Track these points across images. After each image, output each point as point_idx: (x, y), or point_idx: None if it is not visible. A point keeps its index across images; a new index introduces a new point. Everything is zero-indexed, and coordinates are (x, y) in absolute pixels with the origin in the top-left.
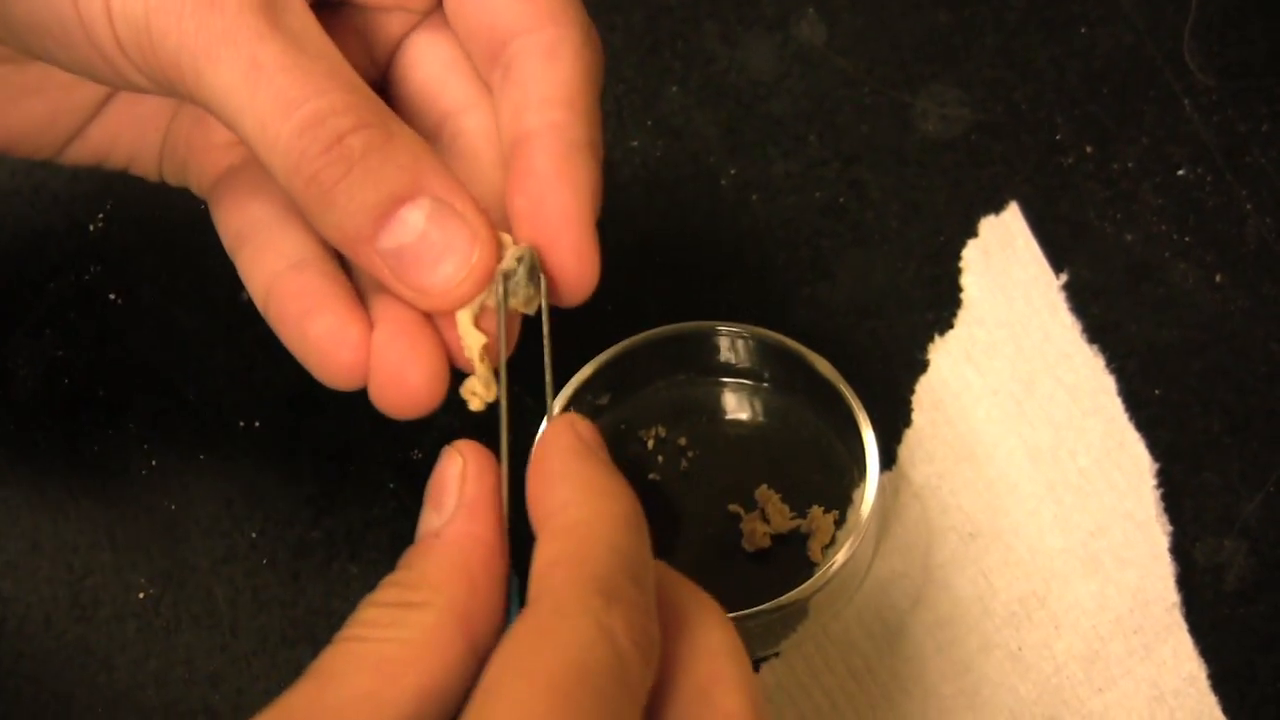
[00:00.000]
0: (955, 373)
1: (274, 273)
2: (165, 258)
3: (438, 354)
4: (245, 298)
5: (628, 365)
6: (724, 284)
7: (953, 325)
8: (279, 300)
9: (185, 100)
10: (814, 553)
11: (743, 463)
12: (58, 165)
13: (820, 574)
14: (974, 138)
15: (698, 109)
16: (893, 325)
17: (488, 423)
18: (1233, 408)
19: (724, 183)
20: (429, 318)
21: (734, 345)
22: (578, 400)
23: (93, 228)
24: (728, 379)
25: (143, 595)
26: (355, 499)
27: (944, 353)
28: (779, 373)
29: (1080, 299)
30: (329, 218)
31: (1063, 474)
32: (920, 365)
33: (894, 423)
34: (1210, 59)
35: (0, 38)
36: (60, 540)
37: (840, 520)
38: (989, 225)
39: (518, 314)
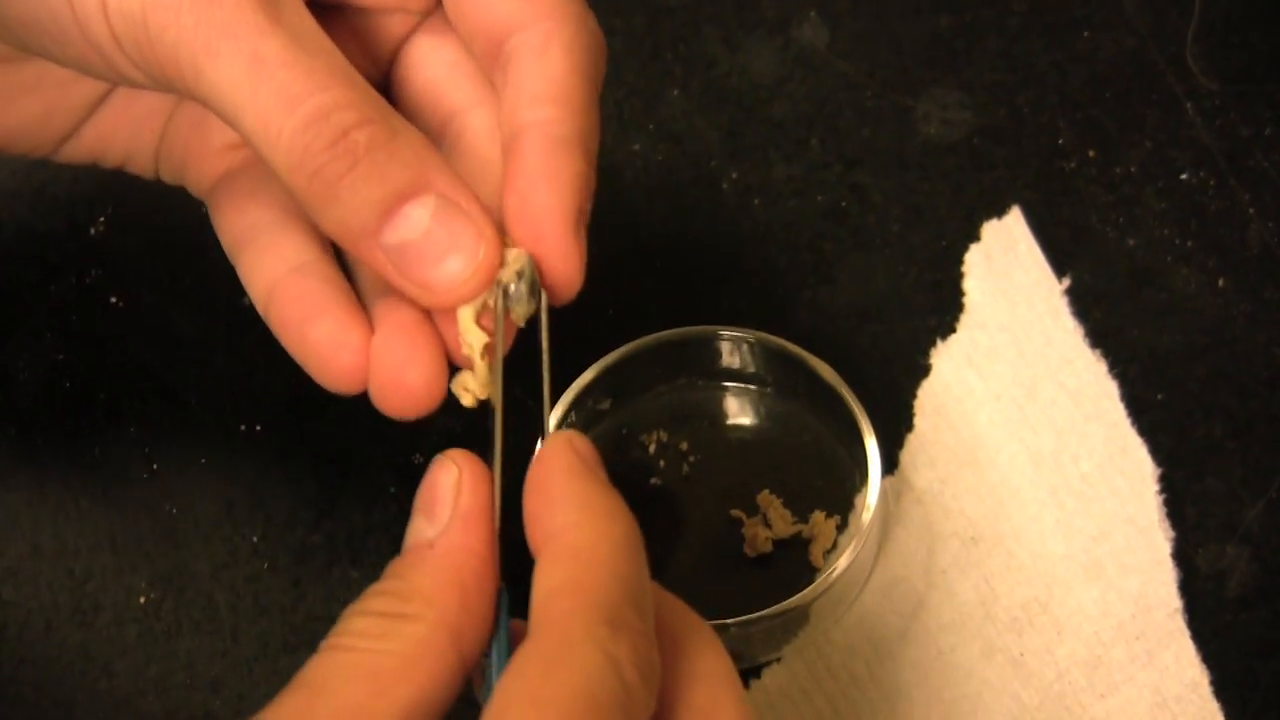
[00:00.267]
0: (957, 377)
1: (274, 277)
2: (166, 261)
3: (437, 354)
4: (246, 301)
5: (629, 370)
6: (725, 288)
7: (955, 330)
8: (280, 304)
9: (183, 96)
10: (815, 558)
11: (744, 467)
12: (59, 167)
13: (822, 579)
14: (976, 142)
15: (699, 113)
16: (894, 329)
17: (488, 428)
18: (1235, 413)
19: (725, 187)
20: (429, 318)
21: (735, 350)
22: (579, 405)
23: (94, 231)
24: (729, 383)
25: (143, 600)
26: (356, 503)
27: (946, 357)
28: (780, 377)
29: (1082, 303)
30: (333, 213)
31: (1065, 479)
32: (922, 370)
33: (896, 427)
34: (1213, 63)
35: None
36: (61, 544)
37: (842, 525)
38: (991, 229)
39: (515, 325)
